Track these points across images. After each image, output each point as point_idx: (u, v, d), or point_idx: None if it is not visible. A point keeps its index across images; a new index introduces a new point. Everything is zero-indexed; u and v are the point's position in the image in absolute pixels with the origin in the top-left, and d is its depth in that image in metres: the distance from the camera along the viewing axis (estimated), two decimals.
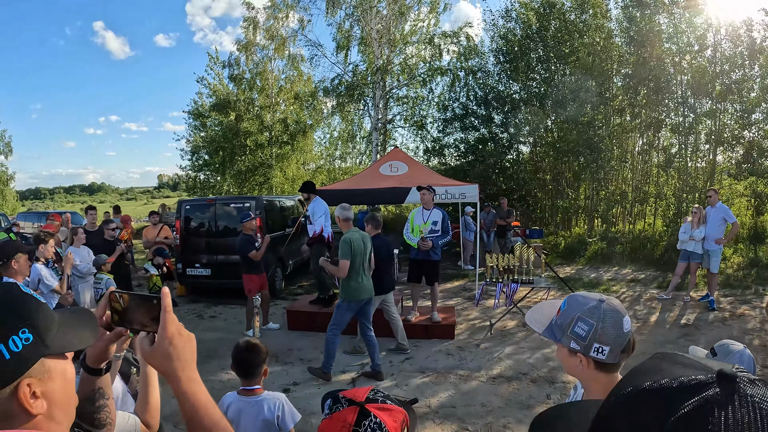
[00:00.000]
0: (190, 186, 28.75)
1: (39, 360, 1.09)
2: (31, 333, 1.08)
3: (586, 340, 1.71)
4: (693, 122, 17.95)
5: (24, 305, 1.12)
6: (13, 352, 1.05)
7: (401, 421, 1.49)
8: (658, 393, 0.58)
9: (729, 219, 10.31)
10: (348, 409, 1.46)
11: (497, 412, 6.00)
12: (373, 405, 1.48)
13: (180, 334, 1.25)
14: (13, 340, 1.05)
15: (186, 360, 1.24)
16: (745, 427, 0.50)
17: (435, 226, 8.81)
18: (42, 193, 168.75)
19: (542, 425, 0.79)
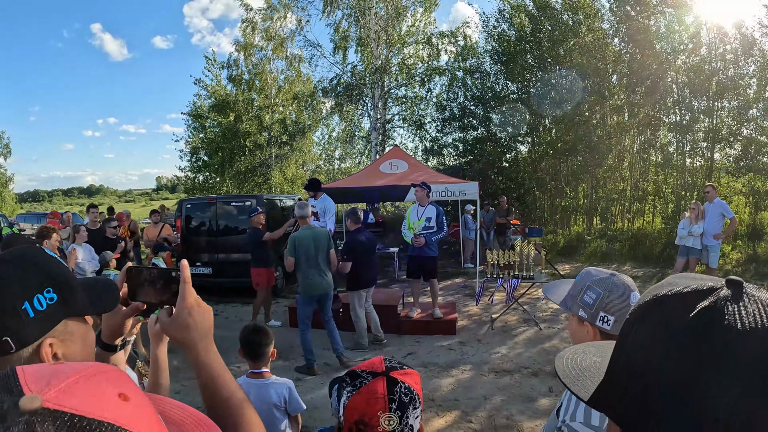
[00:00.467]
0: (189, 187, 28.73)
1: (62, 321, 1.12)
2: (55, 293, 1.10)
3: (593, 308, 1.75)
4: (690, 120, 18.00)
5: (50, 266, 1.15)
6: (37, 311, 1.07)
7: (419, 382, 1.53)
8: (676, 297, 0.63)
9: (727, 214, 10.35)
10: (375, 381, 1.47)
11: (499, 405, 6.03)
12: (395, 372, 1.50)
13: (199, 305, 1.27)
14: (38, 298, 1.07)
15: (204, 331, 1.26)
16: (756, 317, 0.57)
17: (429, 223, 8.83)
18: (41, 196, 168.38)
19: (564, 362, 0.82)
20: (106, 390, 0.60)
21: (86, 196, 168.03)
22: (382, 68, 23.65)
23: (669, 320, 0.62)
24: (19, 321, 1.05)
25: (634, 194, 19.40)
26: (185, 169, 28.80)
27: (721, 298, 0.60)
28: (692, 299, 0.62)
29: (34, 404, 0.51)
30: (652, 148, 19.66)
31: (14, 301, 1.05)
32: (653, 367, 0.61)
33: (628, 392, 0.64)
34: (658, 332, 0.63)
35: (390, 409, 1.42)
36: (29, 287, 1.08)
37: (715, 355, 0.56)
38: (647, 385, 0.61)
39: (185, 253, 12.24)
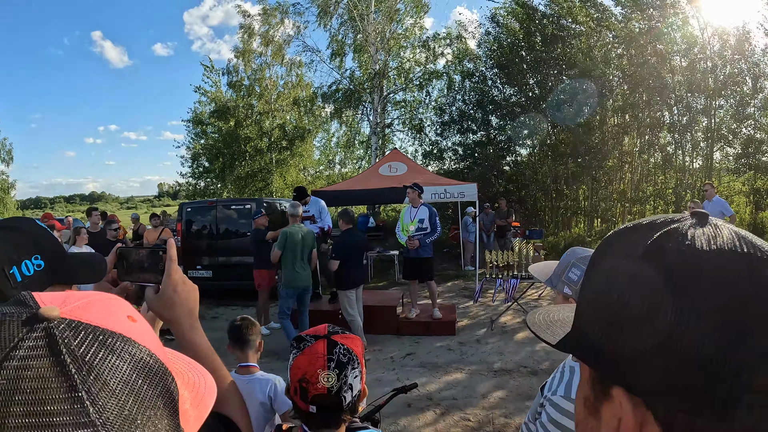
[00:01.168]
0: (190, 193, 28.80)
1: (49, 286, 1.16)
2: (43, 260, 1.16)
3: (578, 284, 1.76)
4: (689, 120, 18.02)
5: (40, 235, 1.20)
6: (24, 275, 1.12)
7: (361, 346, 1.63)
8: (640, 226, 0.62)
9: (726, 212, 10.33)
10: (317, 342, 1.55)
11: (499, 404, 6.04)
12: (336, 336, 1.59)
13: (184, 282, 1.28)
14: (26, 264, 1.13)
15: (189, 308, 1.28)
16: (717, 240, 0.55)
17: (422, 224, 8.83)
18: (42, 203, 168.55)
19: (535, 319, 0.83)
20: (117, 310, 0.64)
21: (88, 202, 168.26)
22: (381, 72, 23.70)
23: (628, 249, 0.60)
24: (7, 284, 1.11)
25: (634, 195, 19.40)
26: (186, 175, 28.89)
27: (685, 224, 0.58)
28: (657, 226, 0.60)
29: (53, 313, 0.56)
30: (652, 149, 19.68)
31: (3, 265, 1.10)
32: (614, 299, 0.58)
33: (594, 330, 0.62)
34: (617, 263, 0.61)
35: (329, 367, 1.51)
36: (19, 253, 1.14)
37: (673, 279, 0.54)
38: (611, 321, 0.59)
39: (186, 256, 12.28)
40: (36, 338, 0.54)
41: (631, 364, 0.56)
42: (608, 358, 0.59)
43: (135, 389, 0.56)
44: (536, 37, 20.30)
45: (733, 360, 0.49)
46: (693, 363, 0.51)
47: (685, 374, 0.51)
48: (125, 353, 0.57)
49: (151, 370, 0.59)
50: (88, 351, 0.55)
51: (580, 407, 0.68)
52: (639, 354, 0.55)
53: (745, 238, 0.56)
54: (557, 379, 1.84)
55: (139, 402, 0.56)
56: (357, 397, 1.58)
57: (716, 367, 0.50)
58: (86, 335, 0.56)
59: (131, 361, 0.57)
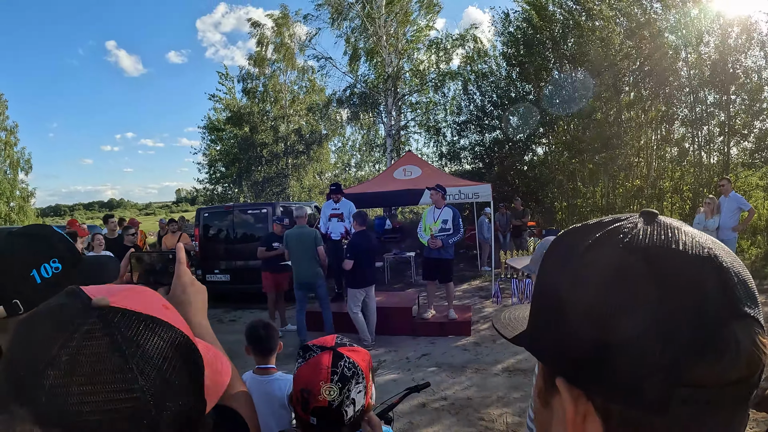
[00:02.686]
0: (208, 199, 29.04)
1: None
2: (60, 263, 1.24)
3: None
4: (703, 114, 17.90)
5: (57, 240, 1.29)
6: (43, 278, 1.22)
7: (368, 362, 1.63)
8: (587, 226, 0.64)
9: (744, 207, 10.23)
10: (322, 354, 1.57)
11: (513, 404, 6.05)
12: (343, 348, 1.60)
13: (192, 283, 1.34)
14: (45, 267, 1.23)
15: (197, 307, 1.33)
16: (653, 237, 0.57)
17: (445, 225, 8.88)
18: (62, 210, 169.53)
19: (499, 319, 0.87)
20: (153, 300, 0.77)
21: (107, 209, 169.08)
22: (395, 75, 23.72)
23: (571, 247, 0.62)
24: (28, 286, 1.20)
25: (651, 192, 19.26)
26: (204, 181, 29.14)
27: (629, 222, 0.60)
28: (598, 227, 0.62)
29: (104, 302, 0.68)
30: (668, 145, 19.54)
31: (24, 269, 1.22)
32: (555, 295, 0.61)
33: (540, 325, 0.65)
34: (560, 260, 0.63)
35: (331, 380, 1.52)
36: (38, 257, 1.23)
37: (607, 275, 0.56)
38: (553, 316, 0.61)
39: (204, 261, 12.42)
40: (92, 323, 0.65)
41: (570, 357, 0.58)
42: (551, 352, 0.62)
43: (172, 363, 0.69)
44: (549, 33, 20.18)
45: (665, 355, 0.51)
46: (626, 357, 0.52)
47: (619, 367, 0.53)
48: (164, 334, 0.70)
49: (183, 347, 0.72)
50: (135, 332, 0.67)
51: (536, 399, 0.71)
52: (576, 347, 0.57)
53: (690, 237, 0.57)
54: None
55: (175, 373, 0.69)
56: (360, 412, 1.57)
57: (649, 361, 0.51)
58: (132, 320, 0.68)
59: (169, 340, 0.70)
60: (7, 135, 31.87)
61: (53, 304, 0.71)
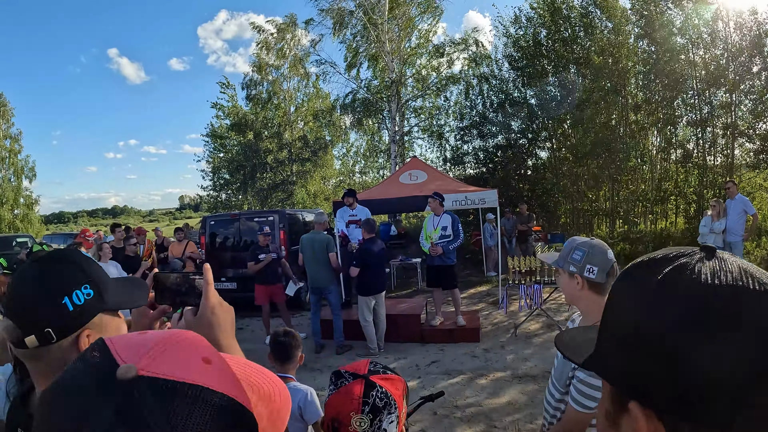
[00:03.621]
0: (212, 206, 29.05)
1: (98, 314, 1.24)
2: (92, 289, 1.24)
3: (581, 262, 2.27)
4: (708, 115, 17.87)
5: (87, 265, 1.29)
6: (76, 305, 1.21)
7: (402, 389, 1.60)
8: (652, 261, 0.71)
9: (749, 210, 10.24)
10: (354, 383, 1.54)
11: (524, 410, 6.06)
12: (376, 376, 1.57)
13: (221, 304, 1.34)
14: (77, 294, 1.22)
15: (226, 329, 1.32)
16: (720, 274, 0.63)
17: (445, 231, 8.94)
18: (66, 217, 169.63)
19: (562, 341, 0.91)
20: (191, 355, 0.67)
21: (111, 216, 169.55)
22: (398, 80, 23.74)
23: (644, 280, 0.68)
24: (60, 314, 1.20)
25: (656, 195, 19.23)
26: (208, 188, 29.15)
27: (694, 259, 0.66)
28: (667, 260, 0.68)
29: (130, 374, 0.58)
30: (672, 147, 19.50)
31: (55, 296, 1.20)
32: (631, 325, 0.67)
33: (613, 351, 0.70)
34: (634, 292, 0.69)
35: (363, 411, 1.49)
36: (69, 284, 1.23)
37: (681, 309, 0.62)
38: (628, 344, 0.67)
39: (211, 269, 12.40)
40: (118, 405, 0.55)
41: (644, 382, 0.64)
42: (625, 376, 0.68)
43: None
44: (560, 34, 20.15)
45: (732, 381, 0.57)
46: (698, 382, 0.59)
47: (690, 391, 0.59)
48: (204, 403, 0.59)
49: (229, 414, 0.62)
50: (170, 410, 0.57)
51: (602, 419, 0.76)
52: (651, 373, 0.63)
53: (748, 272, 0.63)
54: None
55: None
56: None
57: (718, 386, 0.57)
58: (166, 393, 0.58)
59: (211, 411, 0.59)
60: (11, 143, 32.01)
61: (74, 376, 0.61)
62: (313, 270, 8.96)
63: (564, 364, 2.32)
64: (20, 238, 20.77)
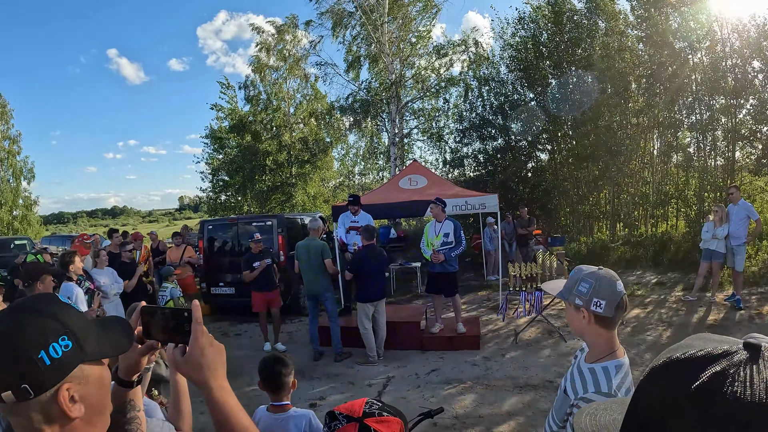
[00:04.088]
0: (211, 207, 29.04)
1: (78, 366, 1.17)
2: (70, 340, 1.16)
3: (587, 295, 2.14)
4: (709, 120, 17.83)
5: (64, 314, 1.20)
6: (53, 359, 1.12)
7: (399, 428, 1.53)
8: (688, 361, 0.64)
9: (752, 216, 10.19)
10: (348, 426, 1.49)
11: (524, 420, 6.00)
12: (371, 419, 1.50)
13: (211, 344, 1.29)
14: (54, 347, 1.13)
15: (217, 370, 1.29)
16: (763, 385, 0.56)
17: (447, 238, 8.88)
18: (65, 218, 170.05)
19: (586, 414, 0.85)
20: None
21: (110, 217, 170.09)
22: (397, 82, 23.72)
23: (678, 384, 0.62)
24: (36, 369, 1.11)
25: (657, 198, 19.20)
26: (207, 190, 29.11)
27: (734, 363, 0.60)
28: (705, 363, 0.62)
29: None
30: (673, 151, 19.47)
31: (30, 351, 1.11)
32: (666, 427, 0.62)
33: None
34: (667, 396, 0.64)
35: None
36: (45, 336, 1.14)
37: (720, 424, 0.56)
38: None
39: (208, 273, 12.37)
40: None
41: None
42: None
43: None
44: (562, 37, 20.11)
45: None
46: None
47: None
48: None
49: None
50: None
51: None
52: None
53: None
54: (579, 382, 2.19)
55: None
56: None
57: None
58: None
59: None
60: (10, 144, 32.02)
61: None
62: (309, 277, 8.94)
63: (564, 399, 2.26)
64: (18, 241, 20.74)
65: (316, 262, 8.83)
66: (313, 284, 8.93)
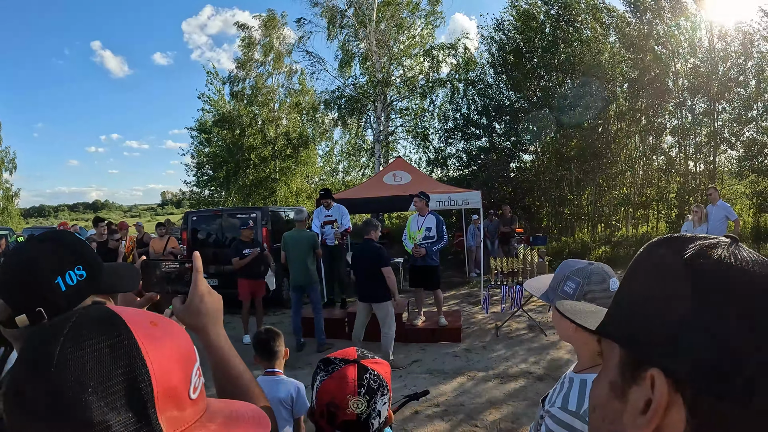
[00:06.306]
0: (194, 202, 28.84)
1: (89, 296, 1.23)
2: (85, 270, 1.23)
3: (573, 297, 1.77)
4: (692, 123, 18.05)
5: (81, 247, 1.28)
6: (69, 285, 1.20)
7: (389, 372, 1.63)
8: (683, 237, 0.70)
9: (731, 216, 10.33)
10: (347, 367, 1.55)
11: (505, 410, 6.07)
12: (366, 360, 1.59)
13: (209, 292, 1.35)
14: (70, 274, 1.21)
15: (215, 316, 1.34)
16: (745, 262, 0.63)
17: (429, 232, 8.91)
18: (46, 211, 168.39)
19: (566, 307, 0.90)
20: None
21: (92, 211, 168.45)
22: (384, 81, 23.76)
23: (668, 257, 0.67)
24: (53, 294, 1.18)
25: (638, 200, 19.40)
26: (191, 183, 28.91)
27: (720, 243, 0.66)
28: (695, 239, 0.68)
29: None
30: (655, 154, 19.69)
31: (48, 276, 1.19)
32: (659, 298, 0.66)
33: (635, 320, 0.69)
34: (657, 268, 0.68)
35: (359, 393, 1.51)
36: (62, 264, 1.21)
37: (713, 284, 0.62)
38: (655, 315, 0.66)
39: None
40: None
41: (669, 352, 0.63)
42: (648, 345, 0.66)
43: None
44: (538, 42, 20.26)
45: (755, 357, 0.58)
46: (723, 356, 0.59)
47: (713, 364, 0.59)
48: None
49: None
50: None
51: (604, 391, 0.75)
52: (677, 344, 0.62)
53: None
54: (557, 391, 1.87)
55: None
56: (384, 423, 1.58)
57: (740, 361, 0.58)
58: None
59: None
60: None
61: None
62: (297, 268, 8.86)
63: (540, 408, 1.97)
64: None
65: (306, 254, 8.82)
66: (299, 275, 8.86)
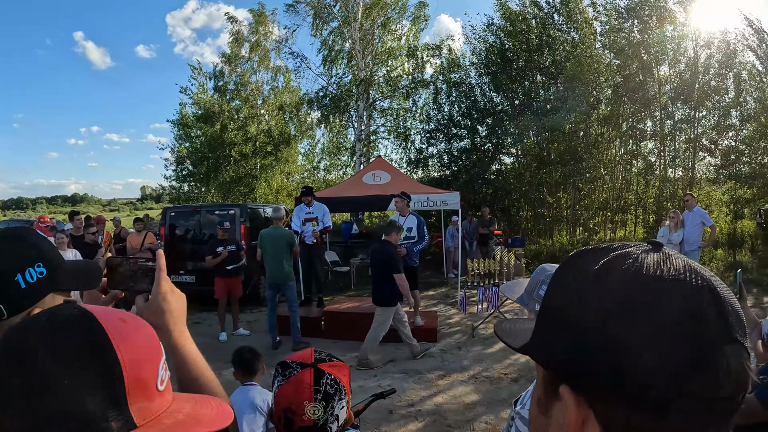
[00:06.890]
0: (174, 197, 28.66)
1: (49, 294, 1.23)
2: (45, 268, 1.23)
3: None
4: (672, 129, 18.23)
5: (41, 244, 1.27)
6: (28, 283, 1.19)
7: (348, 374, 1.62)
8: (598, 249, 0.70)
9: (707, 222, 10.44)
10: (303, 372, 1.55)
11: (479, 410, 6.11)
12: (323, 364, 1.58)
13: (172, 291, 1.34)
14: (29, 272, 1.20)
15: (177, 315, 1.33)
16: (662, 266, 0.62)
17: (410, 233, 8.94)
18: (24, 203, 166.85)
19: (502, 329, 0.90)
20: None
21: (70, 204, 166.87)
22: (368, 80, 23.76)
23: (584, 267, 0.67)
24: (12, 291, 1.17)
25: (616, 204, 19.55)
26: (170, 178, 28.72)
27: (637, 250, 0.66)
28: (609, 250, 0.68)
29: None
30: (635, 159, 19.87)
31: (8, 273, 1.18)
32: (568, 310, 0.66)
33: (548, 336, 0.70)
34: (573, 278, 0.68)
35: (315, 399, 1.50)
36: (22, 261, 1.21)
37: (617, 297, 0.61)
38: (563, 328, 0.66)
39: (169, 261, 12.21)
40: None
41: (577, 367, 0.63)
42: (558, 361, 0.67)
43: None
44: (523, 45, 20.34)
45: (669, 369, 0.57)
46: (633, 370, 0.58)
47: (624, 378, 0.58)
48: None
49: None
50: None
51: (534, 406, 0.76)
52: (584, 358, 0.62)
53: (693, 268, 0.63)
54: (529, 393, 1.91)
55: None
56: (342, 426, 1.56)
57: (653, 375, 0.57)
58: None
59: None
60: None
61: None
62: (274, 266, 8.86)
63: (512, 410, 1.99)
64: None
65: (282, 252, 8.83)
66: (276, 273, 8.88)
